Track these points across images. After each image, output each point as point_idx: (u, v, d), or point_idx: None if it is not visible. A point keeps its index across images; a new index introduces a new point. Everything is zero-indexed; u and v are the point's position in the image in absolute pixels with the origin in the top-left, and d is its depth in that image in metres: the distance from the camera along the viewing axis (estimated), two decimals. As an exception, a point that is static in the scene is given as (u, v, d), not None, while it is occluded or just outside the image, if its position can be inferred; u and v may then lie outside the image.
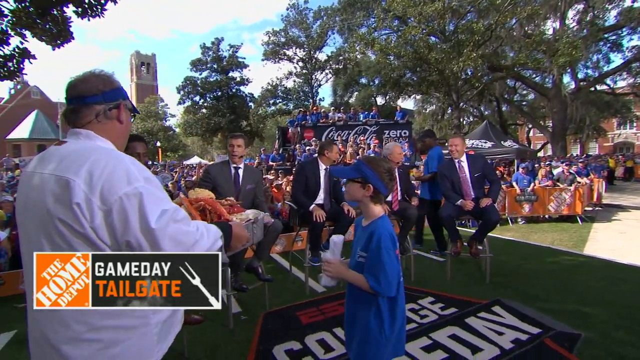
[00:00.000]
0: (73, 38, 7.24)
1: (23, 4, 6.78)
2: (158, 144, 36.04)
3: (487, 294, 3.57)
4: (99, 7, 6.75)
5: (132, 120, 1.26)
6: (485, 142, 10.97)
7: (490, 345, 2.62)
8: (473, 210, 3.79)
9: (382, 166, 1.55)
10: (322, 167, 3.80)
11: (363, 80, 30.08)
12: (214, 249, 1.12)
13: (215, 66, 34.02)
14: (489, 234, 3.92)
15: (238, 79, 35.02)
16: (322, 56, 31.55)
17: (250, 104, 34.44)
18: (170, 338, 1.17)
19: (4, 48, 7.36)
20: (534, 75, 23.08)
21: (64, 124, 40.94)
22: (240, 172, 3.16)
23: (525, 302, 3.37)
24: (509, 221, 7.88)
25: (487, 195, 3.84)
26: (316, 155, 3.97)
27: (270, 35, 29.87)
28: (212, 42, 33.77)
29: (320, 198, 3.76)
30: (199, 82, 34.07)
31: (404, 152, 13.75)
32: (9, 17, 7.26)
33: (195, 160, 29.94)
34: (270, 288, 3.91)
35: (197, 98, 34.59)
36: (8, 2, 6.94)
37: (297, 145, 15.36)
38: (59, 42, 6.97)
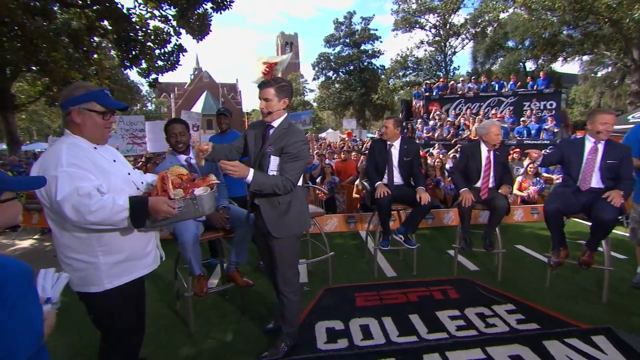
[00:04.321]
0: (210, 31, 8.48)
1: (179, 9, 8.24)
2: None
3: (597, 317, 2.83)
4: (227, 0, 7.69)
5: (101, 115, 1.67)
6: (672, 116, 8.14)
7: (561, 378, 2.14)
8: (586, 202, 3.00)
9: None
10: (388, 144, 3.61)
11: (510, 44, 25.83)
12: (117, 218, 1.52)
13: (347, 40, 34.60)
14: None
15: (370, 51, 34.90)
16: (458, 20, 28.26)
17: (382, 76, 34.01)
18: (125, 278, 1.71)
19: (167, 46, 9.19)
20: None
21: (226, 101, 49.13)
22: (270, 132, 2.23)
23: (653, 337, 2.55)
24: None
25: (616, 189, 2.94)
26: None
27: (400, 2, 28.25)
28: (345, 17, 34.27)
29: (387, 178, 3.61)
30: (332, 57, 35.36)
31: (549, 127, 11.50)
32: (170, 21, 8.95)
33: (330, 133, 31.37)
34: (342, 264, 4.07)
35: (330, 73, 36.10)
36: (171, 9, 8.60)
37: (419, 119, 14.57)
38: (199, 35, 8.29)
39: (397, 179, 3.62)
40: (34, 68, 8.97)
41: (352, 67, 35.17)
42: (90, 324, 1.76)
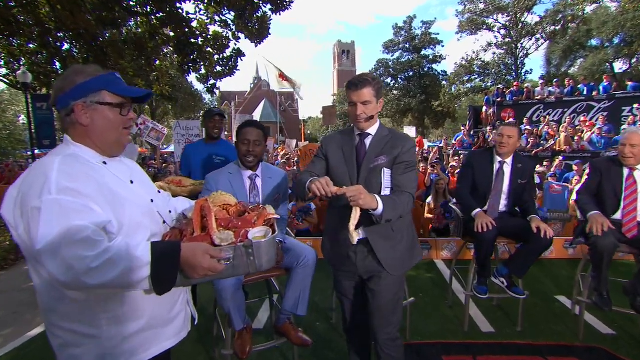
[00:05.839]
0: (270, 34, 8.15)
1: (241, 12, 8.06)
2: (352, 125, 39.29)
3: None
4: (287, 0, 7.29)
5: (120, 110, 1.15)
6: None
7: None
8: None
9: None
10: (498, 160, 2.73)
11: (593, 42, 22.95)
12: (131, 279, 0.95)
13: (407, 46, 33.35)
14: None
15: (431, 57, 33.32)
16: (531, 19, 25.67)
17: (444, 82, 32.22)
18: (141, 357, 1.14)
19: (225, 52, 9.07)
20: None
21: (284, 109, 50.46)
22: (368, 141, 1.74)
23: None
24: None
25: None
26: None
27: (467, 3, 26.41)
28: (405, 22, 33.07)
29: (490, 204, 2.73)
30: (390, 63, 34.30)
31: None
32: (230, 25, 8.83)
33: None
34: (419, 308, 3.25)
35: (388, 80, 35.03)
36: (230, 14, 8.46)
37: (489, 128, 13.13)
38: (258, 39, 8.00)
39: (502, 206, 2.73)
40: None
41: (411, 73, 33.72)
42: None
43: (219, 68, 9.02)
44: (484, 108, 14.74)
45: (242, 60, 8.77)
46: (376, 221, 1.52)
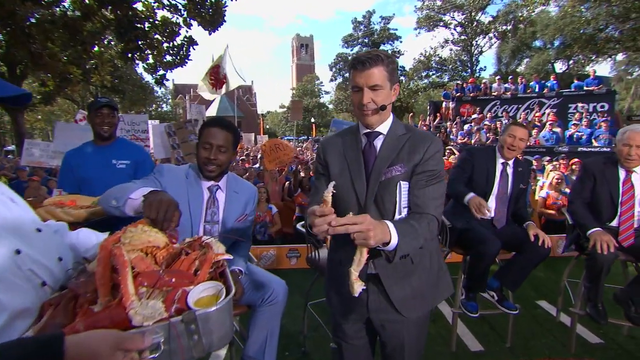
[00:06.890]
0: (225, 21, 7.49)
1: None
2: (312, 120, 38.88)
3: None
4: (244, -16, 6.68)
5: None
6: None
7: None
8: None
9: None
10: (500, 161, 2.45)
11: (537, 43, 24.47)
12: None
13: (366, 40, 33.55)
14: None
15: (389, 52, 33.79)
16: (485, 18, 26.85)
17: (402, 78, 32.79)
18: None
19: (176, 39, 8.26)
20: None
21: (242, 102, 48.65)
22: (378, 143, 1.32)
23: None
24: None
25: None
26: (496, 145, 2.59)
27: (425, -1, 27.05)
28: (364, 16, 33.23)
29: (495, 211, 2.45)
30: (350, 58, 34.37)
31: (604, 136, 10.06)
32: (180, 10, 8.01)
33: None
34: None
35: (347, 74, 35.13)
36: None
37: (450, 123, 13.35)
38: (212, 27, 7.32)
39: (501, 212, 2.46)
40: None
41: (370, 68, 34.14)
42: None
43: (168, 57, 8.18)
44: (444, 103, 15.00)
45: (194, 49, 8.02)
46: (387, 259, 1.10)
